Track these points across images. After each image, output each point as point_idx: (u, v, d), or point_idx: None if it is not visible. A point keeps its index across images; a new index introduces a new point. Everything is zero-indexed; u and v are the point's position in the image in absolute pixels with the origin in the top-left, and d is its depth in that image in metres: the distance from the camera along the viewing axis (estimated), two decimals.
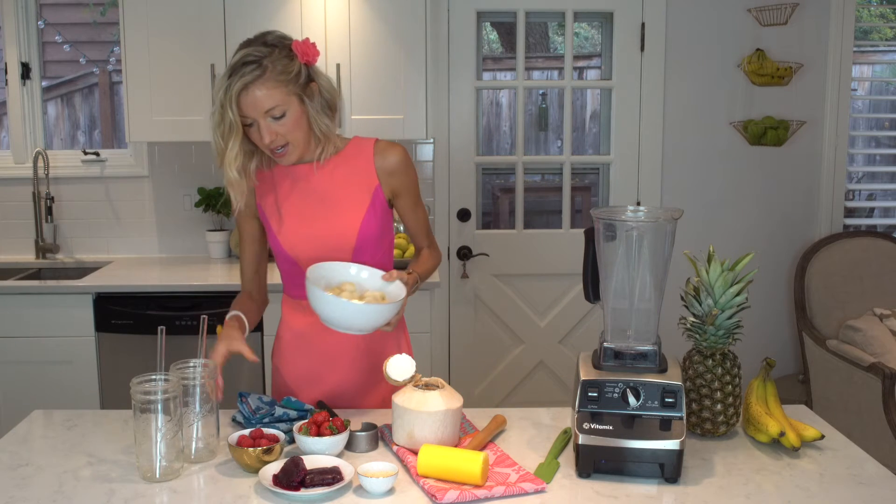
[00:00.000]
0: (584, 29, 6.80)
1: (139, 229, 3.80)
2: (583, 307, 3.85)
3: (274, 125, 1.79)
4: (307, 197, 1.91)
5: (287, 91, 1.79)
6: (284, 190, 1.93)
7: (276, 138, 1.80)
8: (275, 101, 1.77)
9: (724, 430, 1.71)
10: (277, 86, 1.77)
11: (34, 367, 3.17)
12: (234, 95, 1.75)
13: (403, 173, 1.94)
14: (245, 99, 1.76)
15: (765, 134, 3.74)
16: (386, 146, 1.93)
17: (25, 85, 3.78)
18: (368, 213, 1.90)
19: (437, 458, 1.51)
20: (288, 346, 2.04)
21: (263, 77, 1.76)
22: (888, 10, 6.14)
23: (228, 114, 1.76)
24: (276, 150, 1.82)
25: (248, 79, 1.75)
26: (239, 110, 1.76)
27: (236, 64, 1.77)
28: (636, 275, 1.60)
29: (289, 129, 1.80)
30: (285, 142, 1.81)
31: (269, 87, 1.76)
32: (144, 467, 1.53)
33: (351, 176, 1.92)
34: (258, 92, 1.75)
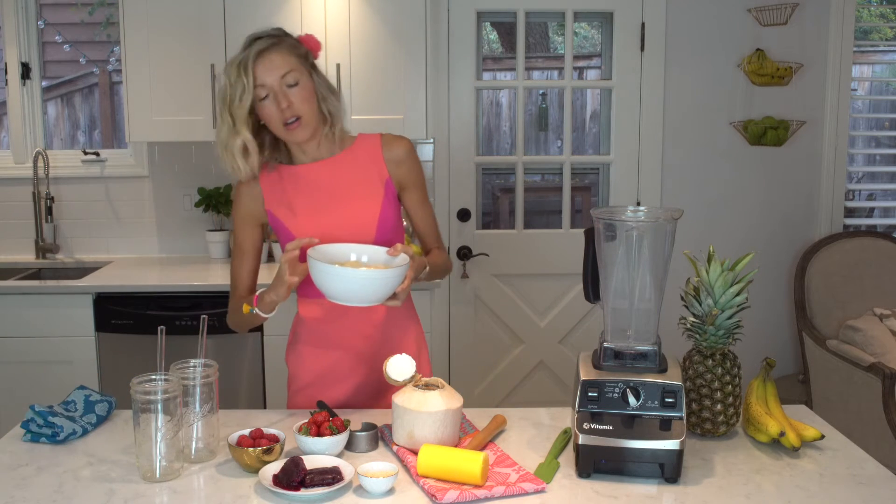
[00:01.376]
0: (584, 29, 6.80)
1: (139, 229, 3.80)
2: (583, 307, 3.84)
3: (288, 93, 1.82)
4: (320, 194, 1.91)
5: (299, 61, 1.86)
6: (295, 190, 1.93)
7: (289, 107, 1.82)
8: (290, 65, 1.83)
9: (724, 430, 1.71)
10: (291, 53, 1.85)
11: (34, 367, 3.17)
12: (252, 59, 1.80)
13: (411, 164, 1.96)
14: (261, 64, 1.81)
15: (765, 134, 3.74)
16: (392, 138, 1.97)
17: (25, 85, 3.78)
18: (384, 204, 1.92)
19: (437, 458, 1.51)
20: (305, 346, 2.02)
21: (279, 45, 1.84)
22: (888, 10, 6.14)
23: (242, 80, 1.80)
24: (289, 123, 1.84)
25: (265, 45, 1.83)
26: (254, 78, 1.80)
27: (250, 38, 1.85)
28: (636, 275, 1.60)
29: (301, 100, 1.84)
30: (298, 114, 1.84)
31: (284, 54, 1.84)
32: (144, 467, 1.53)
33: (361, 170, 1.93)
34: (275, 56, 1.82)
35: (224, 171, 3.91)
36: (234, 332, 3.08)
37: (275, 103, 1.82)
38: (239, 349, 3.20)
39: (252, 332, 3.17)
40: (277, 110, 1.82)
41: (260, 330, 3.19)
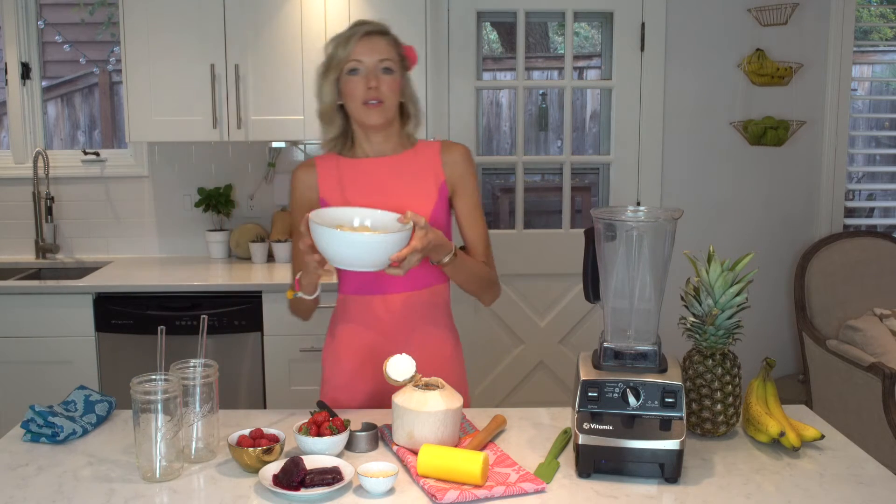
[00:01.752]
0: (584, 29, 6.80)
1: (139, 229, 3.81)
2: (583, 307, 3.85)
3: (380, 76, 1.88)
4: (375, 189, 1.92)
5: (398, 57, 1.93)
6: (351, 181, 1.95)
7: (377, 88, 1.87)
8: (391, 54, 1.90)
9: (724, 430, 1.71)
10: (393, 47, 1.93)
11: (34, 367, 3.17)
12: (357, 36, 1.88)
13: (466, 169, 1.98)
14: (365, 44, 1.88)
15: (765, 134, 3.74)
16: (452, 143, 2.02)
17: (25, 85, 3.78)
18: (436, 207, 1.94)
19: (437, 458, 1.51)
20: (340, 343, 2.03)
21: (387, 35, 1.93)
22: (888, 10, 6.14)
23: (340, 51, 1.88)
24: (370, 102, 1.88)
25: (374, 28, 1.91)
26: (353, 53, 1.87)
27: (360, 21, 1.93)
28: (636, 275, 1.60)
29: (389, 88, 1.89)
30: (381, 98, 1.88)
31: (389, 44, 1.92)
32: (144, 467, 1.53)
33: (419, 171, 1.95)
34: (380, 41, 1.90)
35: (224, 171, 3.92)
36: (234, 331, 3.10)
37: (363, 80, 1.88)
38: (239, 349, 3.20)
39: (252, 332, 3.18)
40: (363, 87, 1.87)
41: (260, 330, 3.19)
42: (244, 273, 3.40)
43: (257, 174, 3.79)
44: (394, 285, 1.94)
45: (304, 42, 3.34)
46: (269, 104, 3.37)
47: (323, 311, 2.15)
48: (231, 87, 3.34)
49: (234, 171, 3.78)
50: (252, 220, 3.79)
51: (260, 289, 3.18)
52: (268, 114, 3.38)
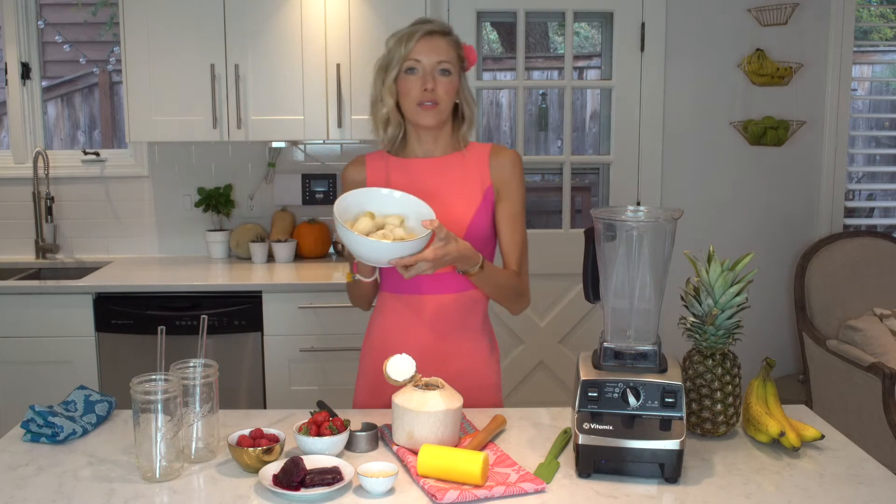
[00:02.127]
0: (584, 29, 6.80)
1: (139, 229, 3.81)
2: (583, 307, 3.85)
3: (438, 77, 1.88)
4: (421, 191, 1.91)
5: (457, 59, 1.92)
6: (399, 180, 1.95)
7: (433, 89, 1.87)
8: (450, 56, 1.90)
9: (724, 430, 1.71)
10: (454, 48, 1.92)
11: (34, 367, 3.17)
12: (419, 35, 1.88)
13: (513, 173, 1.97)
14: (425, 43, 1.88)
15: (765, 134, 3.74)
16: (501, 147, 2.02)
17: (25, 85, 3.78)
18: (479, 210, 1.93)
19: (437, 458, 1.51)
20: (375, 341, 2.03)
21: (448, 36, 1.93)
22: (888, 10, 6.14)
23: (400, 49, 1.88)
24: (425, 103, 1.88)
25: (436, 27, 1.91)
26: (412, 52, 1.87)
27: (422, 20, 1.94)
28: (636, 275, 1.60)
29: (445, 90, 1.89)
30: (436, 100, 1.88)
31: (449, 44, 1.92)
32: (144, 467, 1.53)
33: (466, 173, 1.95)
34: (441, 41, 1.90)
35: (224, 171, 3.92)
36: (234, 331, 3.11)
37: (420, 80, 1.88)
38: (239, 349, 3.20)
39: (252, 332, 3.19)
40: (420, 87, 1.88)
41: (260, 330, 3.19)
42: (244, 273, 3.40)
43: (257, 174, 3.79)
44: (431, 286, 1.95)
45: (304, 42, 3.34)
46: (269, 104, 3.37)
47: (361, 312, 2.17)
48: (231, 87, 3.34)
49: (234, 171, 3.78)
50: (252, 220, 3.79)
51: (260, 289, 3.18)
52: (268, 114, 3.38)
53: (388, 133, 1.96)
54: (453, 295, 1.97)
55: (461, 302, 1.98)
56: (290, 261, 3.62)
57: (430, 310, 1.96)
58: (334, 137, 3.41)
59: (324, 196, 3.77)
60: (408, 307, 1.97)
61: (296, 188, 3.77)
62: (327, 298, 3.18)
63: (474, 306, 2.01)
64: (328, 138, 3.41)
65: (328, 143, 3.77)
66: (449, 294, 1.96)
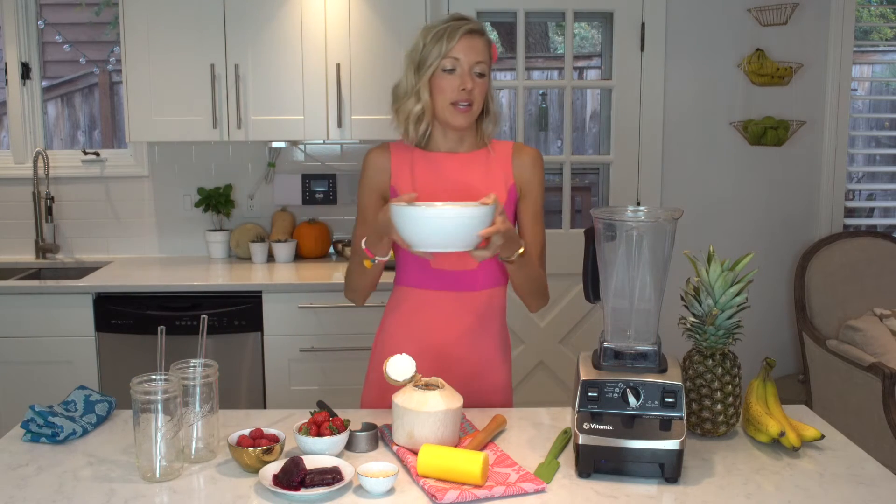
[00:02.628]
0: (584, 29, 6.80)
1: (139, 229, 3.81)
2: (583, 307, 3.85)
3: (474, 78, 1.88)
4: (445, 186, 1.91)
5: (489, 59, 1.92)
6: (423, 174, 1.94)
7: (470, 91, 1.87)
8: (485, 57, 1.89)
9: (724, 430, 1.71)
10: (487, 48, 1.91)
11: (34, 367, 3.17)
12: (460, 33, 1.85)
13: (535, 172, 1.98)
14: (466, 41, 1.86)
15: (765, 134, 3.74)
16: (523, 145, 2.03)
17: (25, 85, 3.78)
18: (504, 208, 1.92)
19: (437, 458, 1.51)
20: (392, 337, 2.02)
21: (485, 36, 1.91)
22: (888, 10, 6.14)
23: (441, 46, 1.85)
24: (460, 105, 1.88)
25: (475, 27, 1.89)
26: (452, 50, 1.85)
27: (457, 16, 1.90)
28: (636, 275, 1.60)
29: (479, 91, 1.90)
30: (471, 101, 1.88)
31: (486, 44, 1.91)
32: (144, 467, 1.53)
33: (490, 171, 1.95)
34: (479, 42, 1.88)
35: (224, 171, 3.91)
36: (234, 331, 3.10)
37: (458, 80, 1.87)
38: (239, 349, 3.20)
39: (252, 332, 3.18)
40: (457, 87, 1.87)
41: (260, 330, 3.19)
42: (244, 273, 3.40)
43: (257, 174, 3.79)
44: (451, 283, 1.95)
45: (304, 42, 3.34)
46: (269, 104, 3.37)
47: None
48: (231, 87, 3.34)
49: (234, 171, 3.78)
50: (252, 220, 3.79)
51: (260, 289, 3.18)
52: (268, 114, 3.38)
53: (419, 130, 1.93)
54: (475, 293, 1.97)
55: (482, 300, 1.98)
56: (290, 261, 3.62)
57: (450, 306, 1.96)
58: (334, 137, 3.41)
59: (324, 196, 3.77)
60: (425, 302, 1.97)
61: (296, 188, 3.77)
62: (327, 298, 3.18)
63: (494, 305, 2.01)
64: (328, 138, 3.41)
65: (328, 143, 3.77)
66: (472, 292, 1.96)
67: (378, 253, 1.81)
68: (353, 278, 1.98)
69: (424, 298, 1.97)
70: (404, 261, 1.99)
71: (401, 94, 1.94)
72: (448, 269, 1.94)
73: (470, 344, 1.98)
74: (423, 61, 1.89)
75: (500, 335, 2.04)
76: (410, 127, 1.93)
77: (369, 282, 1.97)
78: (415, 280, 1.97)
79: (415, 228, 1.63)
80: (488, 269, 1.96)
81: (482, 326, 1.99)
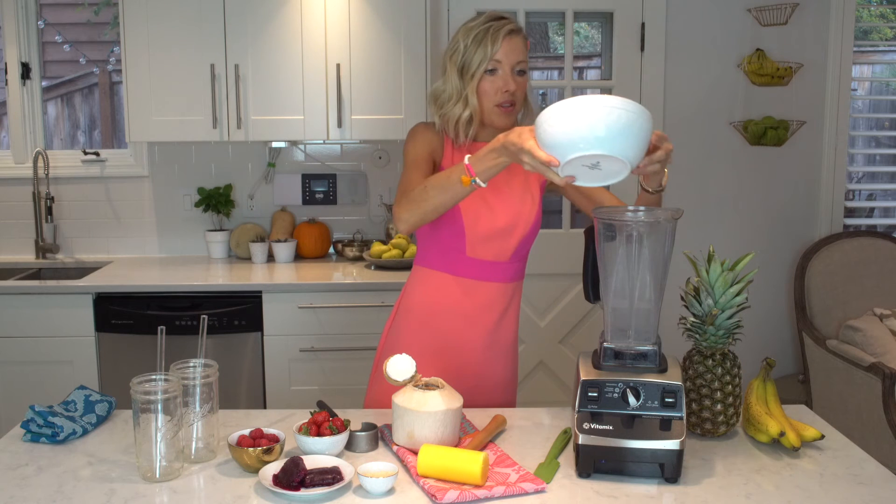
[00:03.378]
0: (584, 29, 6.80)
1: (139, 229, 3.81)
2: (583, 307, 3.84)
3: (516, 78, 1.89)
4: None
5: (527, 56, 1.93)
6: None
7: (514, 91, 1.88)
8: (525, 55, 1.91)
9: (724, 430, 1.71)
10: (526, 46, 1.92)
11: (34, 367, 3.17)
12: (503, 34, 1.85)
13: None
14: (510, 42, 1.87)
15: (765, 134, 3.74)
16: None
17: (25, 85, 3.78)
18: (539, 207, 1.99)
19: (437, 458, 1.51)
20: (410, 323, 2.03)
21: (522, 35, 1.92)
22: (888, 10, 6.14)
23: (486, 49, 1.85)
24: (504, 105, 1.90)
25: (515, 27, 1.89)
26: (496, 53, 1.86)
27: (495, 16, 1.89)
28: (636, 275, 1.60)
29: (521, 91, 1.91)
30: (514, 101, 1.90)
31: (524, 43, 1.92)
32: (144, 467, 1.53)
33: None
34: (520, 42, 1.90)
35: (224, 171, 3.89)
36: (234, 331, 3.09)
37: (500, 81, 1.88)
38: (239, 349, 3.20)
39: (252, 332, 3.18)
40: (500, 89, 1.88)
41: (260, 330, 3.19)
42: (244, 273, 3.40)
43: (257, 174, 3.79)
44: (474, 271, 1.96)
45: (304, 42, 3.33)
46: (269, 104, 3.37)
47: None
48: (231, 87, 3.34)
49: (234, 171, 3.78)
50: (252, 220, 3.79)
51: (260, 289, 3.18)
52: (268, 114, 3.38)
53: (468, 133, 1.94)
54: (503, 284, 2.00)
55: (509, 292, 2.01)
56: (290, 261, 3.62)
57: (471, 292, 1.97)
58: (334, 137, 3.41)
59: (324, 196, 3.77)
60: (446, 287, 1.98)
61: (296, 188, 3.77)
62: (327, 298, 3.18)
63: (516, 297, 2.05)
64: (328, 138, 3.41)
65: (328, 143, 3.77)
66: (499, 283, 1.99)
67: (481, 174, 1.66)
68: (430, 193, 1.77)
69: (444, 282, 1.98)
70: (438, 240, 1.98)
71: (445, 99, 1.94)
72: (482, 259, 1.96)
73: (481, 334, 2.00)
74: (466, 65, 1.89)
75: (514, 329, 2.07)
76: (460, 131, 1.94)
77: (444, 202, 1.76)
78: (445, 265, 1.98)
79: (588, 121, 1.39)
80: (517, 263, 2.00)
81: (502, 318, 2.02)
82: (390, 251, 3.42)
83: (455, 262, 1.96)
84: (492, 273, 1.98)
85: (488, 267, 1.97)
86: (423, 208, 1.79)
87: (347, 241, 3.75)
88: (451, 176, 1.72)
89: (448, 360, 1.99)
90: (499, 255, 1.97)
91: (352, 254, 3.63)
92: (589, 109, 1.40)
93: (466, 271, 1.97)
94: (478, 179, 1.67)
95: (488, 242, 1.95)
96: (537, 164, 1.51)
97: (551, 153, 1.47)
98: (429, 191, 1.77)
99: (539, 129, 1.48)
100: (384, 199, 3.80)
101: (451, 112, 1.93)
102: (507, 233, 1.96)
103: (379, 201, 3.81)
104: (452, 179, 1.71)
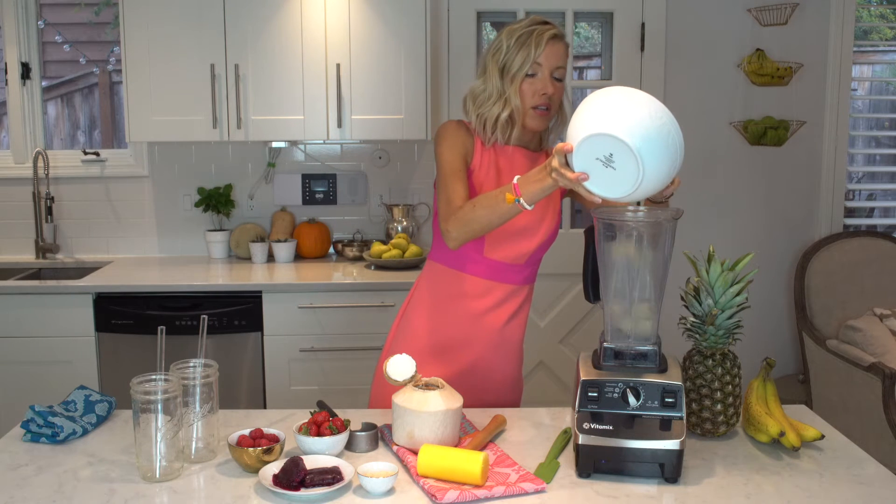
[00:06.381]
0: (584, 29, 6.80)
1: (139, 229, 3.80)
2: (583, 307, 3.84)
3: (554, 83, 1.90)
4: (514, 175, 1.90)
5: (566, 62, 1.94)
6: (494, 162, 1.96)
7: (551, 95, 1.89)
8: (566, 61, 1.92)
9: (724, 430, 1.71)
10: (567, 53, 1.93)
11: (34, 367, 3.17)
12: (547, 37, 1.87)
13: None
14: (552, 46, 1.88)
15: (765, 134, 3.74)
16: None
17: (25, 85, 3.78)
18: (559, 213, 2.03)
19: (437, 458, 1.51)
20: (420, 319, 2.04)
21: (564, 40, 1.93)
22: (888, 10, 6.14)
23: (530, 51, 1.86)
24: (539, 108, 1.91)
25: (559, 32, 1.90)
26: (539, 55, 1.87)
27: (538, 20, 1.90)
28: (636, 275, 1.60)
29: (558, 94, 1.92)
30: (550, 105, 1.92)
31: (566, 49, 1.93)
32: (144, 467, 1.53)
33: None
34: (562, 47, 1.91)
35: (224, 171, 3.89)
36: (234, 331, 3.09)
37: (539, 84, 1.89)
38: (239, 349, 3.20)
39: (252, 332, 3.18)
40: (538, 92, 1.89)
41: (260, 330, 3.19)
42: (244, 273, 3.40)
43: (257, 174, 3.79)
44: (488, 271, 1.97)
45: (304, 42, 3.33)
46: (269, 104, 3.37)
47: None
48: (231, 87, 3.34)
49: (233, 171, 3.78)
50: (252, 220, 3.79)
51: (260, 289, 3.18)
52: (268, 114, 3.38)
53: (506, 134, 1.94)
54: (515, 286, 2.01)
55: (520, 294, 2.03)
56: (290, 261, 3.62)
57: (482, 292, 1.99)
58: (334, 137, 3.41)
59: (324, 196, 3.77)
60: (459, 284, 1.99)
61: (296, 188, 3.77)
62: (327, 298, 3.18)
63: (528, 300, 2.06)
64: (328, 138, 3.41)
65: (328, 143, 3.77)
66: (511, 285, 2.01)
67: (526, 196, 1.68)
68: (479, 212, 1.79)
69: (457, 279, 1.99)
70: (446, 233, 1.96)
71: (485, 98, 1.94)
72: (498, 260, 1.97)
73: (496, 335, 2.01)
74: (507, 66, 1.90)
75: (522, 331, 2.08)
76: (498, 131, 1.93)
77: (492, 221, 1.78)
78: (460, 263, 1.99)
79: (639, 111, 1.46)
80: (531, 267, 2.02)
81: (511, 319, 2.03)
82: (390, 251, 3.42)
83: (471, 262, 1.98)
84: (505, 275, 1.99)
85: (502, 268, 1.98)
86: (472, 227, 1.81)
87: (347, 241, 3.75)
88: (499, 196, 1.74)
89: (456, 358, 1.99)
90: (516, 259, 1.99)
91: (352, 254, 3.63)
92: (647, 103, 1.48)
93: (481, 271, 1.98)
94: (522, 200, 1.68)
95: (508, 245, 1.96)
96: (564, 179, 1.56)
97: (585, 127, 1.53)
98: (477, 210, 1.79)
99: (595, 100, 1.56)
100: (384, 199, 3.80)
101: (490, 112, 1.93)
102: (527, 237, 1.98)
103: (379, 201, 3.81)
104: (500, 199, 1.74)
